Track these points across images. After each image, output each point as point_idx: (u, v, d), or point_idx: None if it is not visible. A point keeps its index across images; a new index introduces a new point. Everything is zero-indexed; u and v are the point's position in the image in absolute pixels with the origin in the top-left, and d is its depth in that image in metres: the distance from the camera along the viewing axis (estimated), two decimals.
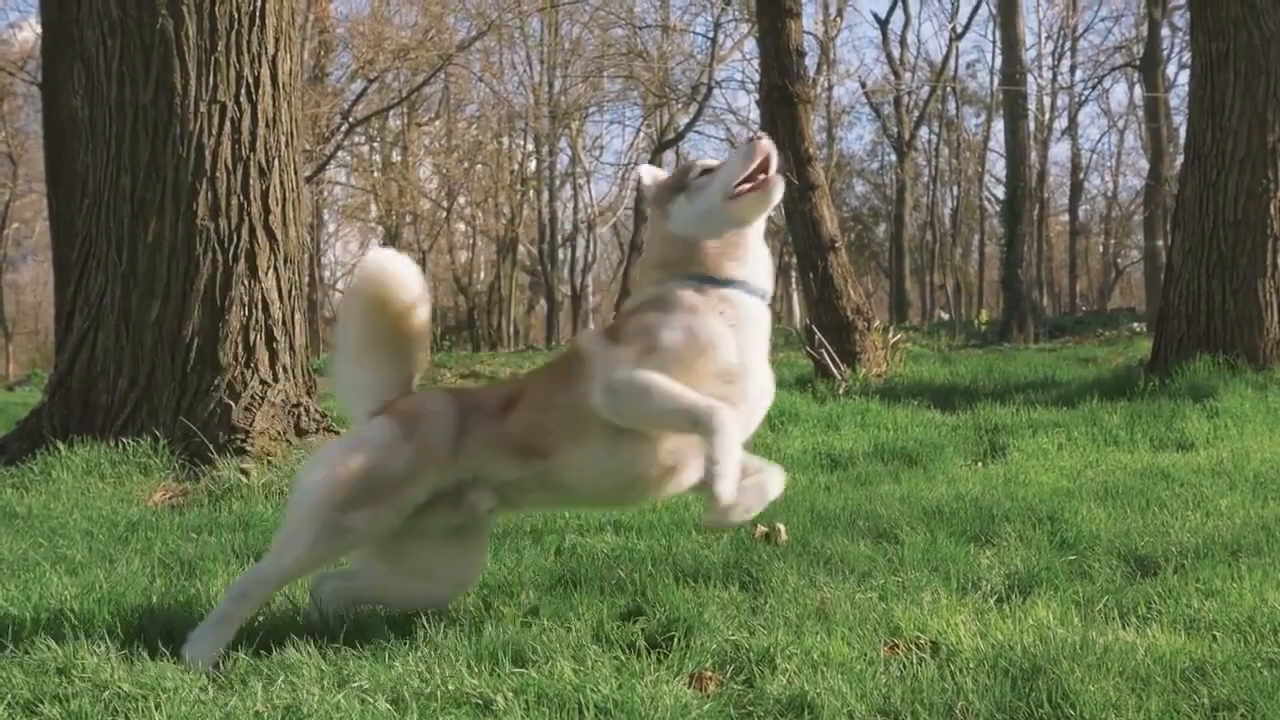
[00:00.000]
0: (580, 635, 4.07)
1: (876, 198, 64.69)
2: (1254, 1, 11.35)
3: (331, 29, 44.71)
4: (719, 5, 47.75)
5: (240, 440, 7.84)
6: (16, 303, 64.93)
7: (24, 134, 50.43)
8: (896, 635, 3.99)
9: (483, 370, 21.32)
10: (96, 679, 3.72)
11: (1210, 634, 3.91)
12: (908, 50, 56.57)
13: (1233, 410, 9.29)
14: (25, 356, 56.55)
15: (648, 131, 55.60)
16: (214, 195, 8.02)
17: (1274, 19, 11.33)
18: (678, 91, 50.66)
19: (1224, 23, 11.50)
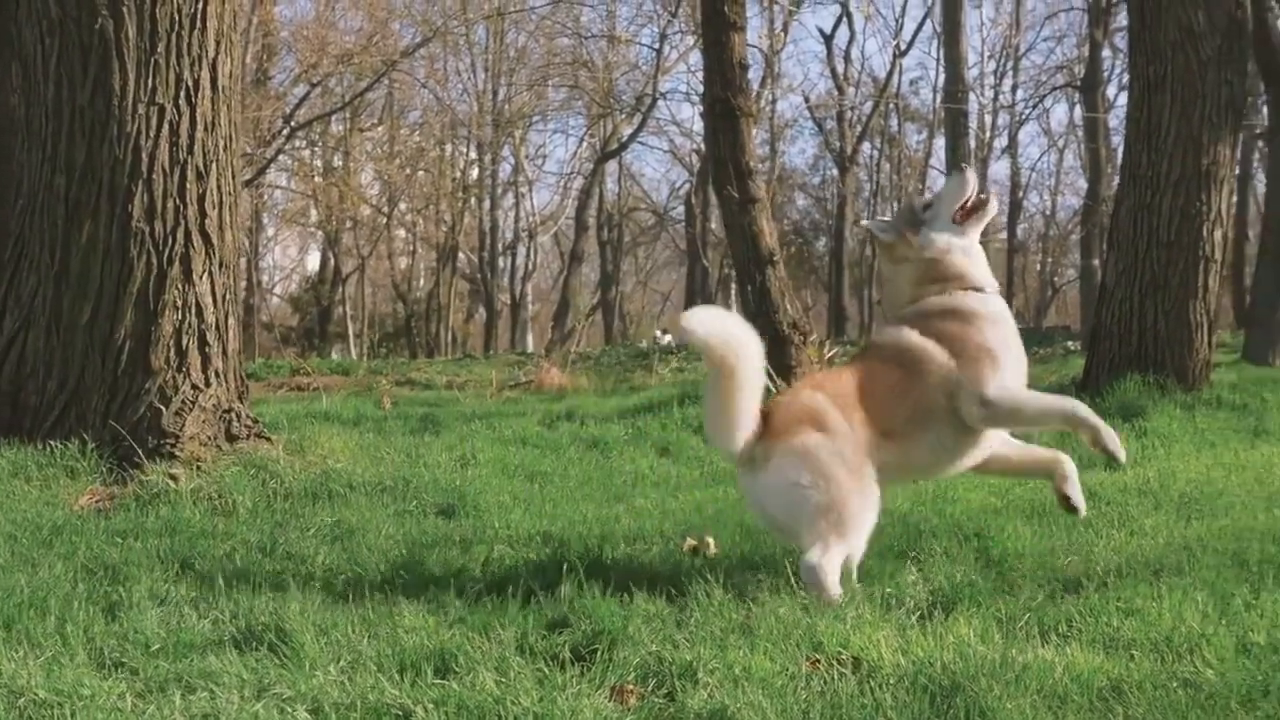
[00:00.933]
0: (505, 646, 4.07)
1: (817, 212, 65.00)
2: (1192, 27, 11.48)
3: (275, 32, 44.49)
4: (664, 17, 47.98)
5: (170, 445, 7.77)
6: None
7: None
8: (819, 650, 4.00)
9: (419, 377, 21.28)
10: (13, 685, 3.69)
11: (1128, 653, 3.95)
12: (852, 66, 56.93)
13: (1161, 430, 9.39)
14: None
15: (591, 141, 55.76)
16: (150, 198, 7.95)
17: (1211, 44, 11.46)
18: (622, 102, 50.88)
19: (1162, 46, 11.63)
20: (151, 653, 4.06)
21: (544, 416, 11.40)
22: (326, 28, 43.77)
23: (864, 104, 56.09)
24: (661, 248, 70.45)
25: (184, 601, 4.73)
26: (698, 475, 8.32)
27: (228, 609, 4.56)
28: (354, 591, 4.90)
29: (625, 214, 62.45)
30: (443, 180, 53.04)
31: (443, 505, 6.85)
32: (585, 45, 51.17)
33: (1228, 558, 5.14)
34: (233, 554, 5.63)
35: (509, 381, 18.84)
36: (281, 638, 4.13)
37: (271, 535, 5.97)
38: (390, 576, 5.09)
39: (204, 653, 4.05)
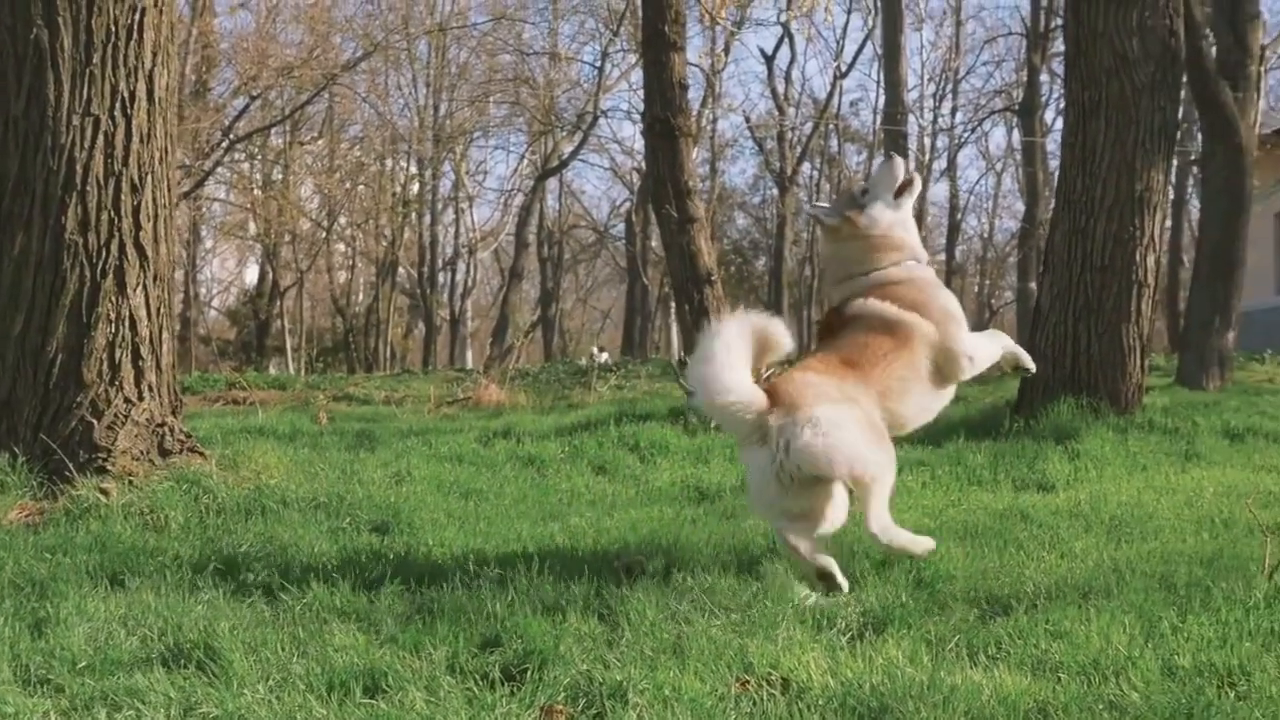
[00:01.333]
0: (435, 665, 4.06)
1: (757, 231, 65.23)
2: (1126, 54, 11.58)
3: (215, 44, 44.23)
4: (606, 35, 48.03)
5: (102, 459, 7.70)
6: None
7: None
8: (749, 671, 4.01)
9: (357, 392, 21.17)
10: None
11: (1056, 675, 3.97)
12: (792, 86, 57.23)
13: (1093, 453, 9.45)
14: None
15: (532, 158, 55.77)
16: (84, 210, 7.88)
17: (1145, 72, 11.57)
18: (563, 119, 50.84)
19: (1097, 72, 11.72)
20: (78, 670, 4.03)
21: (481, 434, 11.36)
22: (267, 40, 43.55)
23: (804, 124, 56.42)
24: (602, 265, 70.53)
25: (112, 618, 4.69)
26: (633, 494, 8.31)
27: (156, 626, 4.53)
28: (285, 609, 4.88)
29: (566, 231, 62.51)
30: (383, 195, 52.87)
31: (377, 522, 6.82)
32: (527, 62, 51.20)
33: (1156, 580, 5.18)
34: (163, 570, 5.59)
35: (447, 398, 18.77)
36: (210, 656, 4.10)
37: (203, 552, 5.94)
38: (322, 594, 5.06)
39: (131, 670, 4.02)
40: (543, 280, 59.30)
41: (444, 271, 57.56)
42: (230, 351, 52.64)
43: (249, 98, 43.66)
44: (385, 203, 52.65)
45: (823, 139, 58.05)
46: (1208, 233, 19.46)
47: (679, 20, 14.44)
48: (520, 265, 51.95)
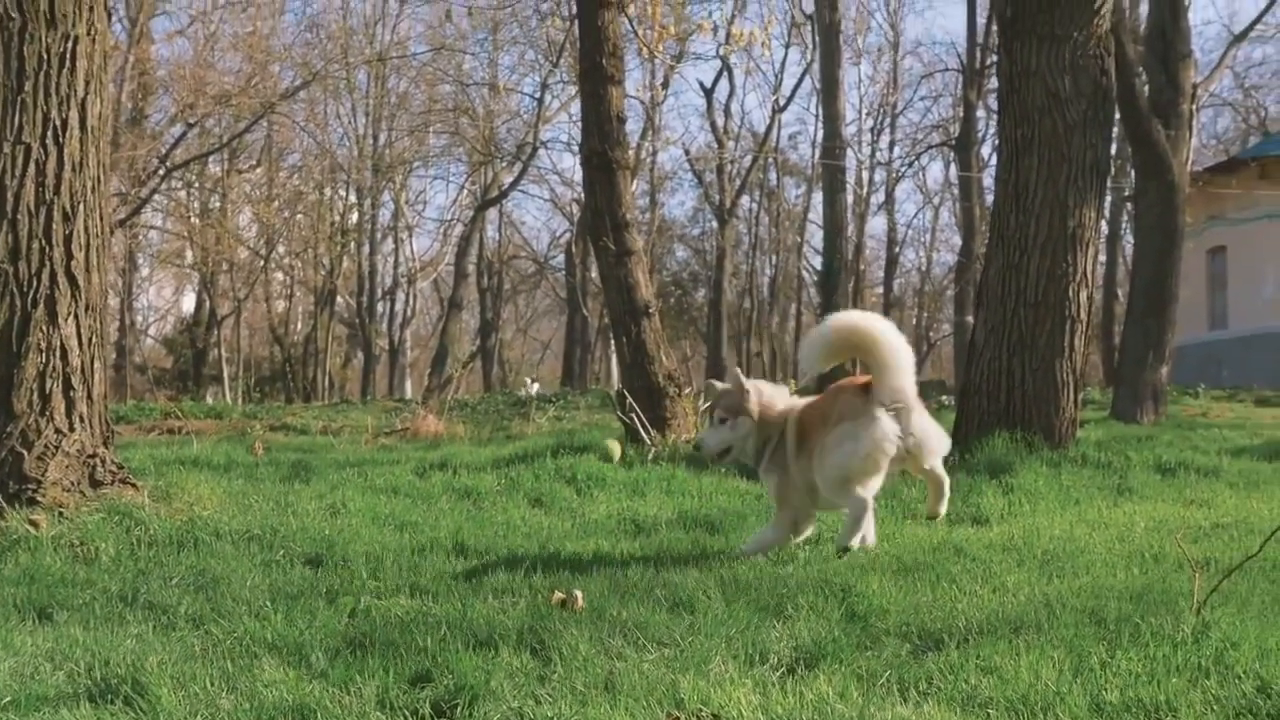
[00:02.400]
0: (365, 701, 4.04)
1: (697, 263, 65.36)
2: (1058, 91, 11.70)
3: (152, 71, 44.04)
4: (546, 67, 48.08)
5: (31, 490, 7.62)
6: None
7: None
8: (680, 707, 4.00)
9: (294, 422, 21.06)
10: None
11: (985, 711, 3.99)
12: (732, 120, 57.40)
13: (1027, 487, 9.50)
14: None
15: (472, 189, 55.73)
16: (14, 238, 7.82)
17: (1076, 110, 11.69)
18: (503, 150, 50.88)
19: (1030, 110, 11.84)
20: (2, 706, 3.98)
21: (418, 465, 11.31)
22: (205, 68, 43.34)
23: (744, 157, 56.61)
24: (541, 296, 70.52)
25: (39, 653, 4.65)
26: (569, 527, 8.28)
27: (84, 661, 4.48)
28: (215, 643, 4.84)
29: (505, 261, 62.45)
30: (321, 224, 52.65)
31: (310, 555, 6.78)
32: (467, 92, 51.21)
33: (1086, 615, 5.21)
34: (92, 603, 5.54)
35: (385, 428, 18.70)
36: (138, 690, 4.07)
37: (134, 584, 5.88)
38: (253, 628, 5.02)
39: (57, 706, 3.98)
40: (482, 310, 59.22)
41: (383, 301, 57.40)
42: (167, 380, 52.22)
43: (186, 125, 43.44)
44: (324, 232, 52.43)
45: (762, 172, 58.25)
46: (1141, 269, 19.69)
47: (616, 54, 14.48)
48: (459, 295, 51.85)
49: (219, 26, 46.10)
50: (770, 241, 61.91)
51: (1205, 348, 35.61)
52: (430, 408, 20.95)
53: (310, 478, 10.47)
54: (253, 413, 23.47)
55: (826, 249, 36.30)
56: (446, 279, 58.07)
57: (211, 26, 45.98)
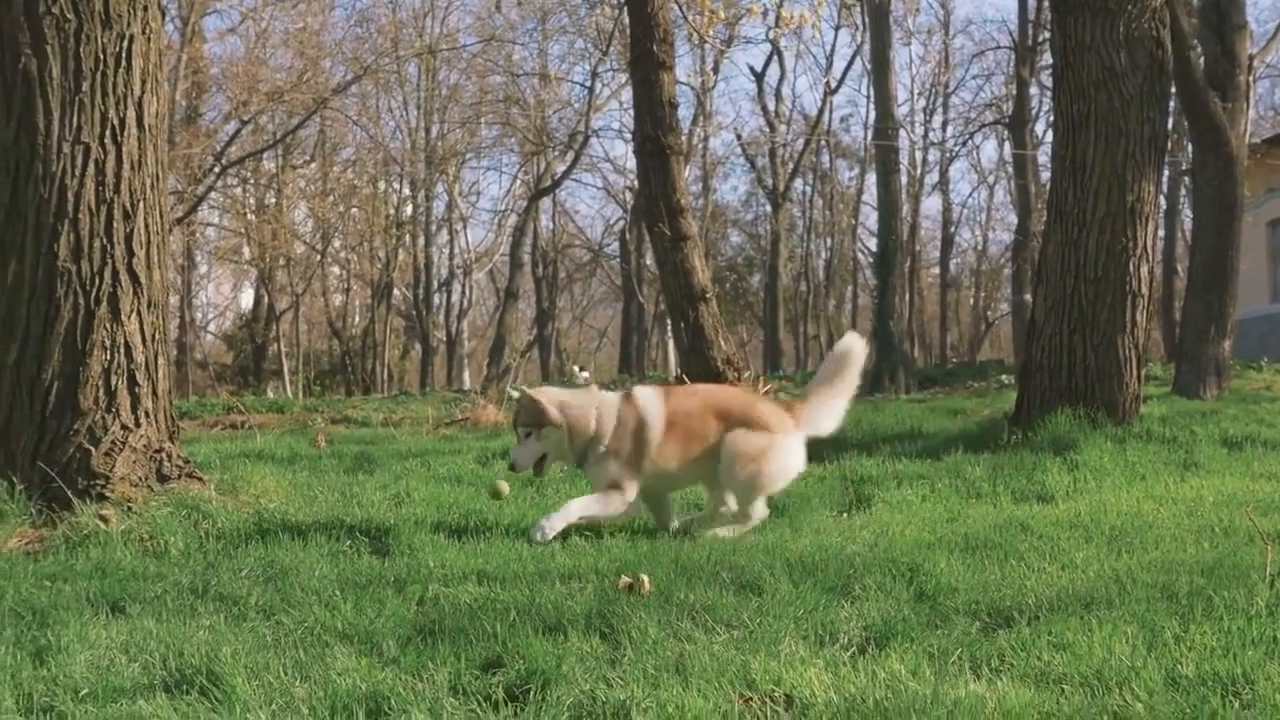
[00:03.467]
0: (438, 687, 4.05)
1: (751, 248, 65.24)
2: (1114, 66, 11.61)
3: (205, 70, 44.34)
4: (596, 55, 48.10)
5: (100, 486, 7.69)
6: None
7: None
8: (752, 688, 4.00)
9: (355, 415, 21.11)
10: None
11: (1059, 687, 3.96)
12: (783, 103, 57.34)
13: (1092, 463, 9.44)
14: None
15: (524, 178, 55.83)
16: (76, 237, 7.88)
17: (1133, 83, 11.59)
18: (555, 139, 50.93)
19: (1085, 85, 11.75)
20: (80, 697, 4.01)
21: (480, 454, 11.33)
22: (257, 65, 43.57)
23: (796, 141, 56.50)
24: (597, 284, 70.56)
25: (114, 645, 4.68)
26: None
27: (158, 652, 4.51)
28: (286, 633, 4.87)
29: (560, 250, 62.50)
30: (376, 217, 52.84)
31: (377, 545, 6.80)
32: (517, 83, 51.30)
33: (1157, 590, 5.17)
34: (164, 596, 5.57)
35: (445, 419, 18.73)
36: (213, 681, 4.09)
37: (203, 577, 5.92)
38: (324, 618, 5.04)
39: (134, 697, 4.00)
40: (538, 300, 59.30)
41: (439, 293, 57.55)
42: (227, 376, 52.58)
43: (240, 122, 43.77)
44: (379, 225, 52.64)
45: (814, 154, 58.14)
46: (1201, 242, 19.51)
47: (667, 39, 14.48)
48: (515, 285, 52.00)
49: (270, 23, 46.32)
50: (824, 224, 61.77)
51: (1267, 321, 35.20)
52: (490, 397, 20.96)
53: (374, 469, 10.52)
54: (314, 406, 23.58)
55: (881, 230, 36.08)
56: (502, 269, 58.22)
57: (262, 24, 46.18)
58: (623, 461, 7.13)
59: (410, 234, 55.02)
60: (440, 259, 57.24)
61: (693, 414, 7.29)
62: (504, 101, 50.99)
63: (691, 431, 7.24)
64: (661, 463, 7.19)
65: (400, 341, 60.42)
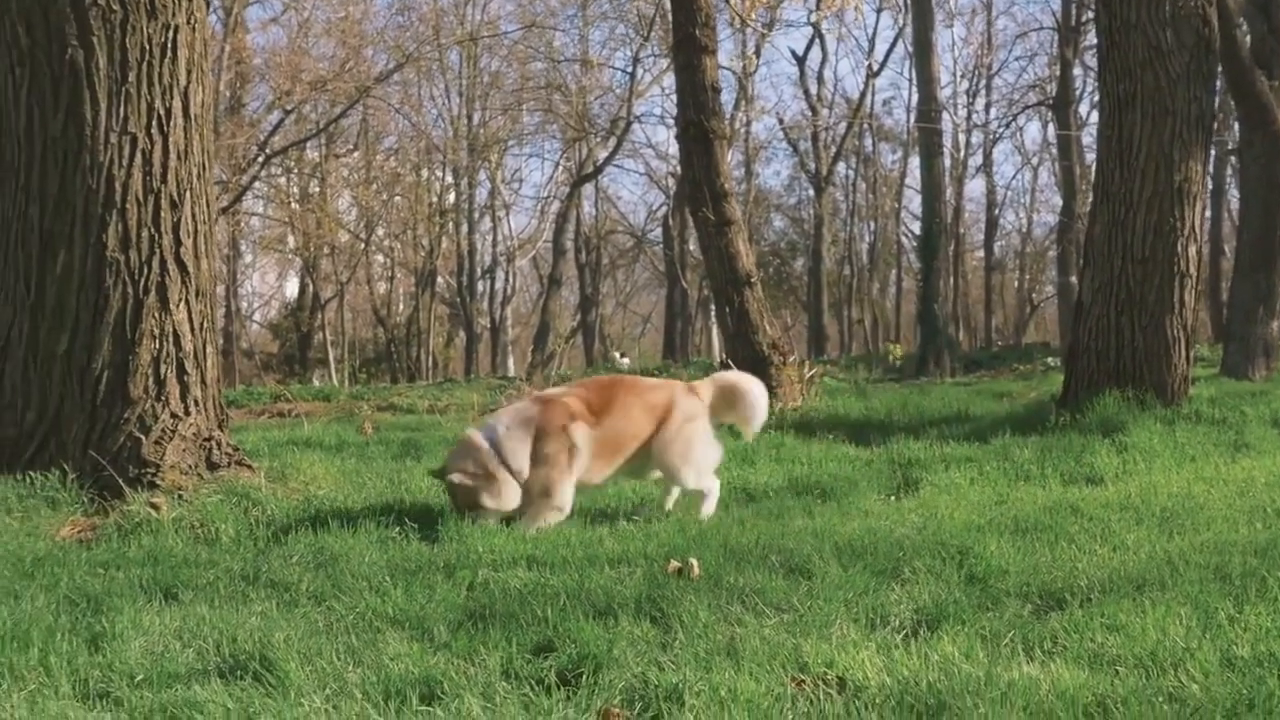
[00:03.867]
0: (490, 672, 4.06)
1: (794, 232, 65.06)
2: (1160, 45, 11.52)
3: (249, 60, 44.47)
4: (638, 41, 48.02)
5: (151, 474, 7.74)
6: None
7: None
8: (804, 671, 4.00)
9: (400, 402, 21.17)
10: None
11: (1113, 669, 3.95)
12: (825, 87, 57.08)
13: (1141, 445, 9.38)
14: None
15: (567, 165, 55.78)
16: (124, 227, 7.93)
17: (1179, 62, 11.51)
18: (597, 125, 50.87)
19: (1131, 65, 11.67)
20: (136, 683, 4.05)
21: None
22: (300, 55, 43.68)
23: (838, 124, 56.28)
24: (640, 270, 70.54)
25: (168, 631, 4.72)
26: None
27: (212, 638, 4.55)
28: (338, 618, 4.89)
29: (603, 237, 62.47)
30: (420, 205, 52.90)
31: (425, 531, 6.82)
32: (559, 69, 51.22)
33: (1210, 572, 5.15)
34: (216, 582, 5.61)
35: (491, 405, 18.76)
36: (266, 666, 4.12)
37: (255, 563, 5.95)
38: (374, 603, 5.07)
39: (188, 682, 4.03)
40: (581, 286, 59.27)
41: (483, 280, 57.61)
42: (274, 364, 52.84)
43: (283, 112, 43.88)
44: (422, 213, 52.71)
45: (857, 138, 57.95)
46: (1248, 222, 19.35)
47: (709, 23, 14.44)
48: (559, 272, 52.00)
49: (312, 13, 46.37)
50: (868, 208, 61.57)
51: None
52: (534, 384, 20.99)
53: (420, 455, 10.54)
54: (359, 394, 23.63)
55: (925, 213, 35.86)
56: (545, 256, 58.24)
57: (305, 13, 46.26)
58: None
59: (453, 221, 55.05)
60: (483, 246, 57.35)
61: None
62: (545, 88, 50.96)
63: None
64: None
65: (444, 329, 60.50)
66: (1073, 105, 46.77)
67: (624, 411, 7.35)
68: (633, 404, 7.42)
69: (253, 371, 49.29)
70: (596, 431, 7.18)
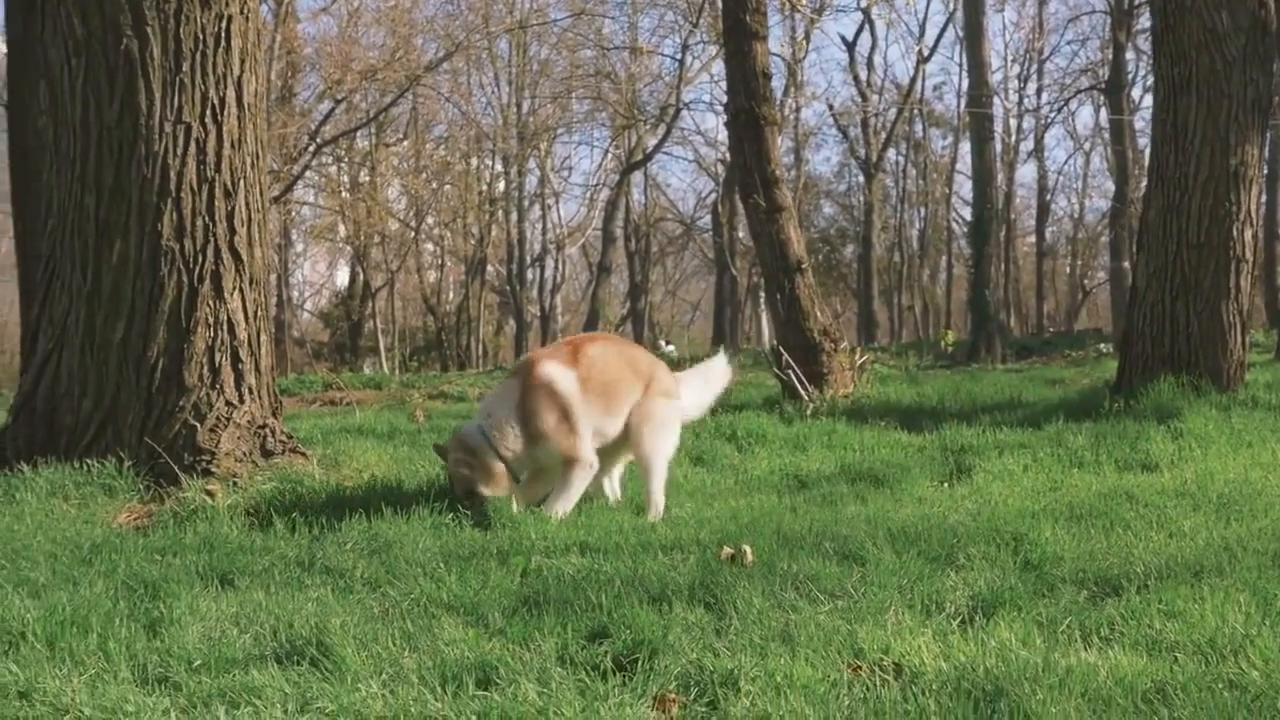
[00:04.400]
0: (545, 657, 4.07)
1: (844, 219, 64.88)
2: (1215, 27, 11.42)
3: (299, 50, 44.63)
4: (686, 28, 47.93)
5: (206, 461, 7.80)
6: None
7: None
8: (860, 657, 3.99)
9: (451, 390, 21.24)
10: (58, 703, 3.71)
11: (1172, 655, 3.93)
12: (875, 73, 56.83)
13: (1197, 431, 9.31)
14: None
15: (616, 152, 55.75)
16: (179, 216, 7.98)
17: (1235, 45, 11.40)
18: (646, 113, 50.82)
19: (1186, 48, 11.57)
20: (194, 668, 4.07)
21: None
22: (350, 44, 43.85)
23: (888, 110, 56.07)
24: (689, 257, 70.51)
25: (224, 617, 4.75)
26: (732, 484, 8.29)
27: (268, 624, 4.57)
28: (393, 604, 4.91)
29: (652, 224, 62.45)
30: (469, 194, 53.06)
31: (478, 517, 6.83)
32: (608, 57, 51.20)
33: (1269, 558, 5.11)
34: (271, 569, 5.64)
35: None
36: (323, 652, 4.14)
37: (309, 550, 5.98)
38: (429, 589, 5.08)
39: (246, 668, 4.06)
40: (631, 274, 59.27)
41: (533, 268, 57.73)
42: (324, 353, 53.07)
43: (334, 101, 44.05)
44: (472, 201, 52.83)
45: (907, 124, 57.68)
46: None
47: (760, 9, 14.39)
48: (608, 259, 52.02)
49: (362, 2, 46.54)
50: (918, 194, 61.31)
51: None
52: None
53: None
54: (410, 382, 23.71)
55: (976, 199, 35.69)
56: (594, 244, 58.29)
57: (355, 2, 46.43)
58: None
59: (503, 209, 55.17)
60: (533, 234, 57.46)
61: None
62: (595, 75, 50.93)
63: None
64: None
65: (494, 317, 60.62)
66: (1125, 89, 46.42)
67: (604, 358, 7.20)
68: (615, 351, 7.39)
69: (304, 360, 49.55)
70: (579, 371, 7.02)
